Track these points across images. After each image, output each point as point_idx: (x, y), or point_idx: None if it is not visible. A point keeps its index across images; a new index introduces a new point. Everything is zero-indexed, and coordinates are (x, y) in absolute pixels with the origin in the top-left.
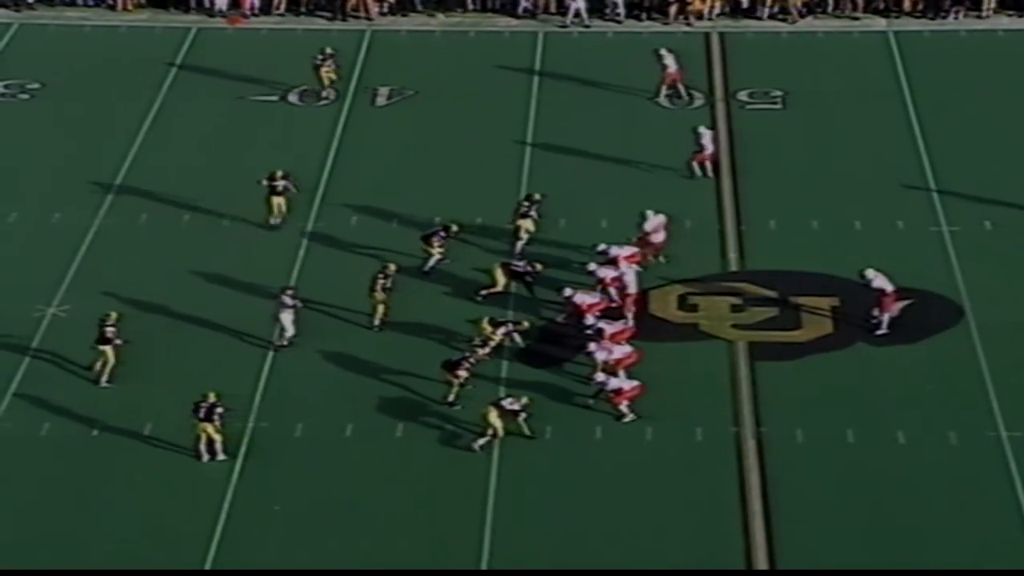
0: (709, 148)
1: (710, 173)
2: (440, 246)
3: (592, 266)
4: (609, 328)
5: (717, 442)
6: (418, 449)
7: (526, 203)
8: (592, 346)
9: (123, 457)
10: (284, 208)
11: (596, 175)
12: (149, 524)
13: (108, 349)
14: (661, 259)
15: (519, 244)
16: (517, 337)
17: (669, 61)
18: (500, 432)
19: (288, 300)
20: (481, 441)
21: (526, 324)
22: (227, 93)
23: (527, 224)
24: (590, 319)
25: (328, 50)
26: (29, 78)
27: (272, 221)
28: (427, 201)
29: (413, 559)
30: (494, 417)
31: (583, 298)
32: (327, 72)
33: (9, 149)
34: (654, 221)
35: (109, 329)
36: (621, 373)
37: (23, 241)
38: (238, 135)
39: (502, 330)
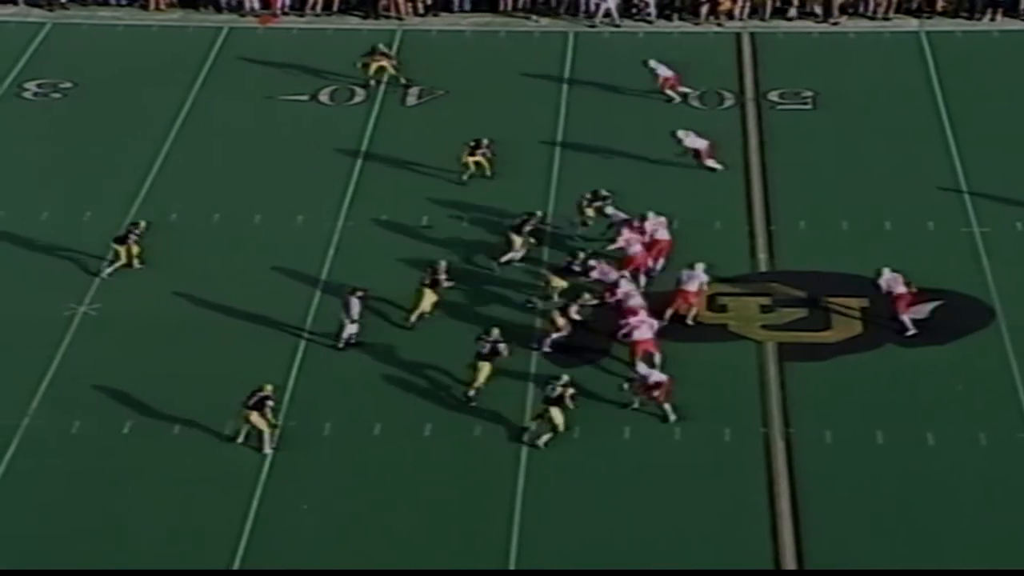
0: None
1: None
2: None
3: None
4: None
5: (746, 443)
6: (446, 448)
7: (525, 217)
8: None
9: (152, 455)
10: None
11: (625, 175)
12: (178, 522)
13: (122, 249)
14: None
15: (508, 256)
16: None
17: (661, 70)
18: (562, 427)
19: (356, 302)
20: (545, 438)
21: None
22: (258, 92)
23: (518, 240)
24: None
25: (382, 46)
26: (62, 77)
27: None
28: (457, 201)
29: (441, 558)
30: (557, 414)
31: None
32: (379, 63)
33: (41, 148)
34: (654, 221)
35: (133, 235)
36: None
37: (54, 240)
38: (269, 134)
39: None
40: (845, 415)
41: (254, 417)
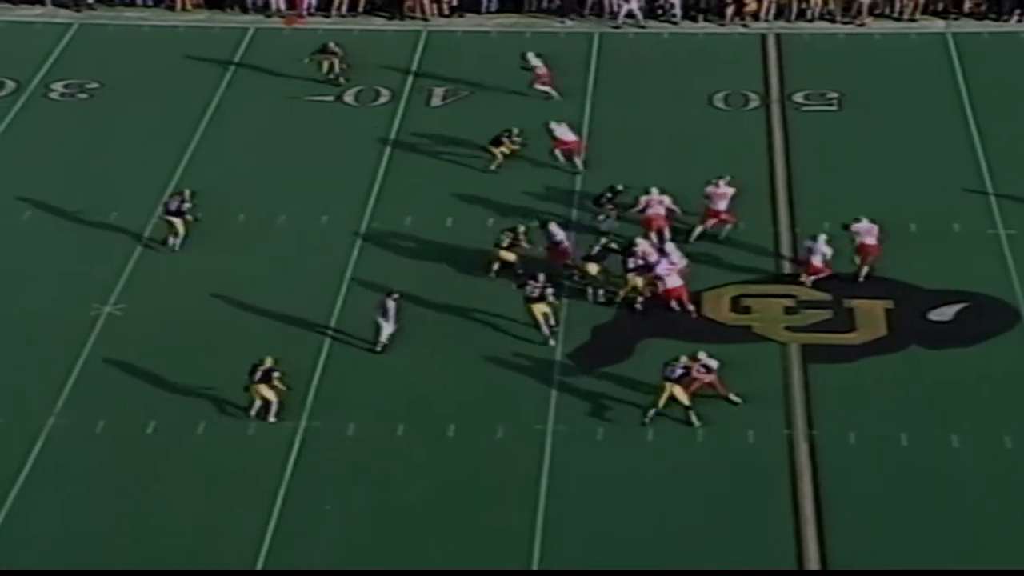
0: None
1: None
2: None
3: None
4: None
5: (769, 444)
6: (469, 449)
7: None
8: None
9: (176, 454)
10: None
11: (649, 174)
12: (202, 521)
13: (178, 221)
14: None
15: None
16: None
17: (536, 62)
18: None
19: (392, 303)
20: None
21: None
22: (283, 93)
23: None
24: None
25: (332, 44)
26: (88, 78)
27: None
28: (481, 200)
29: (463, 559)
30: (680, 392)
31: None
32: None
33: (68, 148)
34: (717, 189)
35: (185, 204)
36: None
37: (80, 240)
38: (294, 134)
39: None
40: (869, 417)
41: (264, 389)
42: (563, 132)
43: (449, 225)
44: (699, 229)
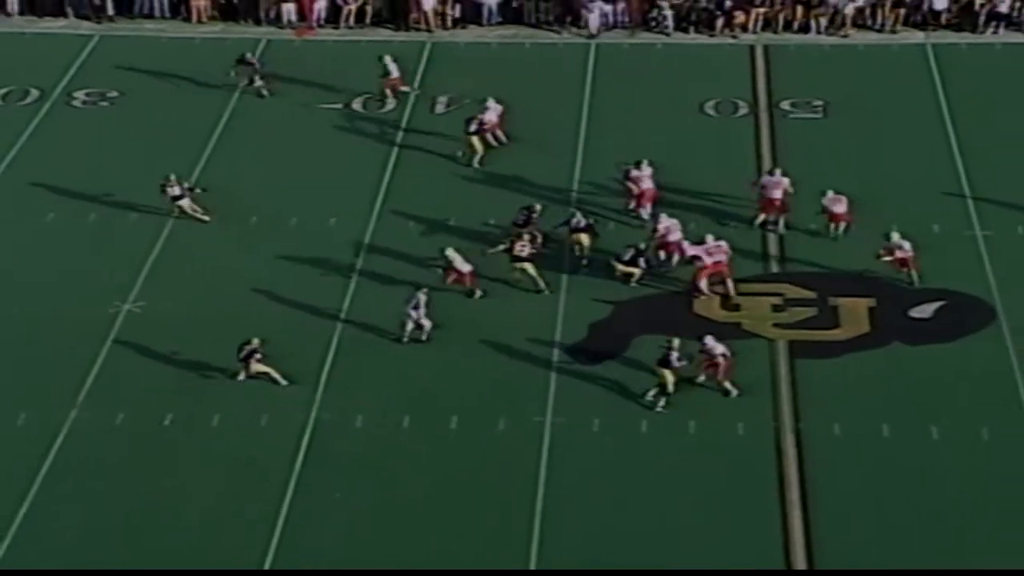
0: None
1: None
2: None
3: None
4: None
5: (758, 436)
6: (471, 441)
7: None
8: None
9: (192, 445)
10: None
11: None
12: (216, 510)
13: (185, 203)
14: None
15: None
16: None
17: (392, 68)
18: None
19: (423, 298)
20: (661, 402)
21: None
22: (295, 100)
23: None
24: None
25: (248, 55)
26: (109, 86)
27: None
28: (482, 205)
29: (467, 543)
30: (669, 376)
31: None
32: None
33: (90, 153)
34: (770, 180)
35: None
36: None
37: (100, 240)
38: (304, 140)
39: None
40: (853, 410)
41: (254, 365)
42: (490, 115)
43: (452, 224)
44: (761, 217)
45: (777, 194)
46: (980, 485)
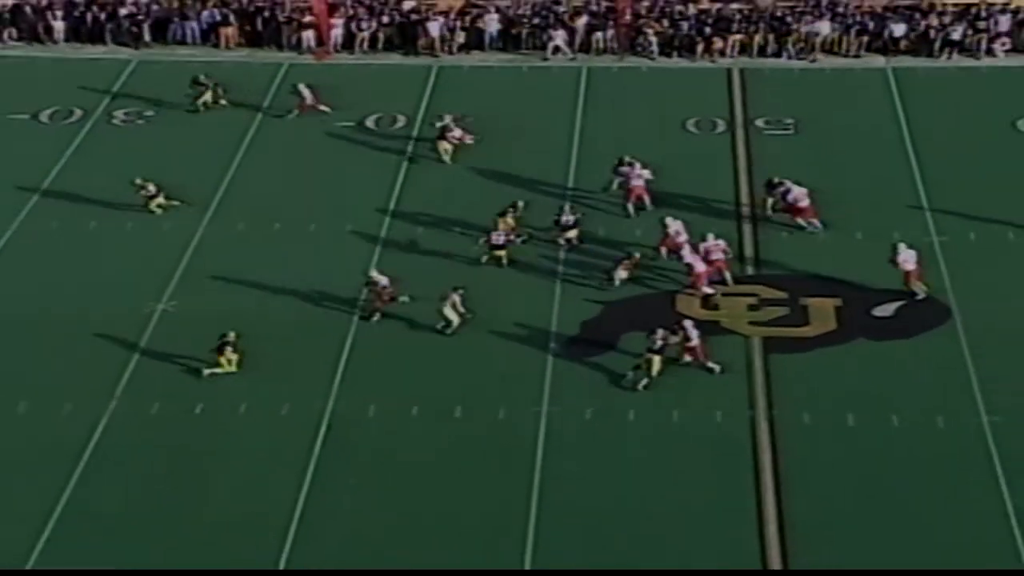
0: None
1: None
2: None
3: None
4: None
5: (735, 423)
6: (474, 429)
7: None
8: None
9: (221, 433)
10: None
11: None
12: (242, 493)
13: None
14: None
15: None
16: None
17: (306, 93)
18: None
19: (457, 297)
20: (644, 381)
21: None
22: (314, 118)
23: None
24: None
25: (202, 76)
26: (146, 106)
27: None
28: (486, 208)
29: (471, 520)
30: (656, 363)
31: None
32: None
33: (128, 166)
34: (797, 192)
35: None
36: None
37: (137, 245)
38: (322, 154)
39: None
40: (821, 400)
41: (226, 355)
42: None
43: (457, 231)
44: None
45: (805, 203)
46: (935, 468)
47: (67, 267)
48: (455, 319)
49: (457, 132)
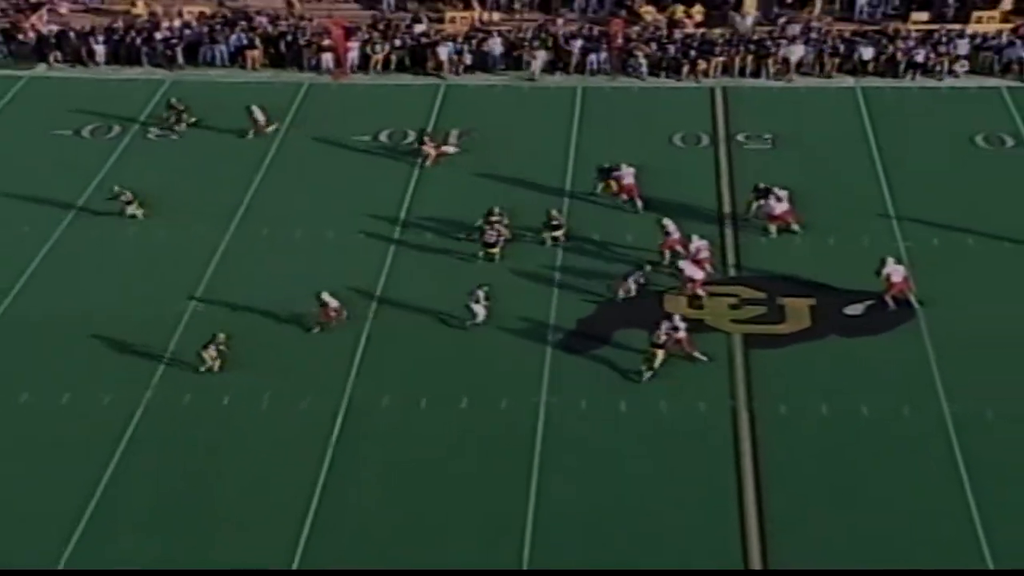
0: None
1: None
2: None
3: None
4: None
5: (717, 413)
6: (477, 418)
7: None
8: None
9: (246, 422)
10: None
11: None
12: (266, 477)
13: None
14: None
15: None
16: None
17: (259, 115)
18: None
19: (482, 295)
20: (648, 374)
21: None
22: (332, 134)
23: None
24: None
25: (174, 100)
26: (178, 122)
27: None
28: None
29: (476, 504)
30: (660, 355)
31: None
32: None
33: (161, 177)
34: (772, 203)
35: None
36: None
37: (170, 250)
38: (339, 166)
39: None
40: (797, 392)
41: (210, 352)
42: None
43: (463, 236)
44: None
45: (778, 211)
46: (903, 453)
47: (107, 270)
48: (481, 313)
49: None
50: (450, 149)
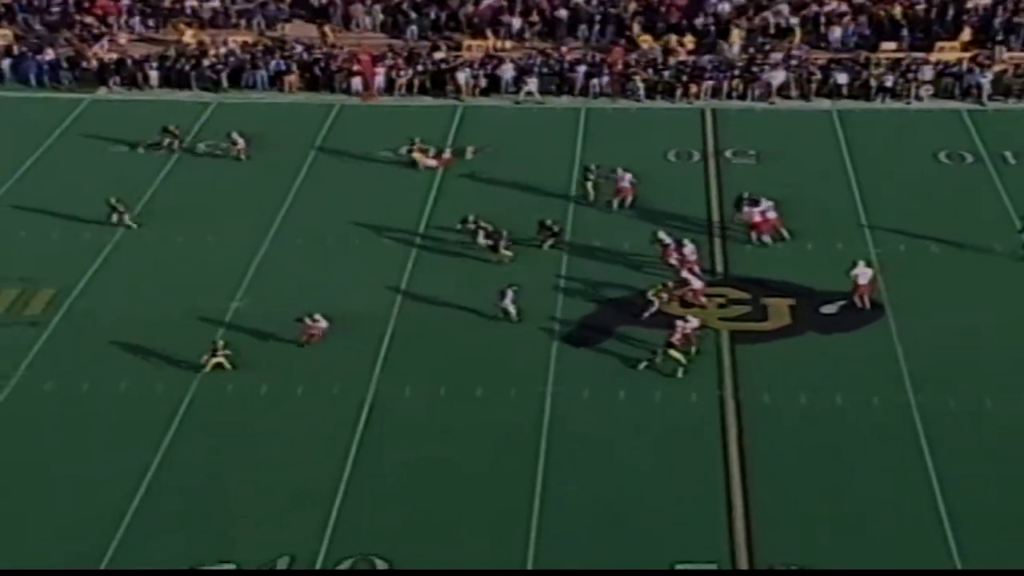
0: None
1: None
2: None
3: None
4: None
5: (707, 402)
6: (490, 406)
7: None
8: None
9: (282, 410)
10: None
11: (622, 215)
12: (303, 461)
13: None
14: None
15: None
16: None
17: (239, 140)
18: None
19: (511, 295)
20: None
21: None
22: (361, 149)
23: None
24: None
25: (171, 126)
26: (223, 139)
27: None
28: (505, 221)
29: (488, 484)
30: (676, 354)
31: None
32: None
33: (209, 190)
34: (747, 211)
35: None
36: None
37: (216, 255)
38: (366, 179)
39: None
40: (778, 383)
41: (215, 360)
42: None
43: (480, 241)
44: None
45: (773, 215)
46: (872, 437)
47: (160, 273)
48: (512, 310)
49: (421, 153)
50: (432, 163)
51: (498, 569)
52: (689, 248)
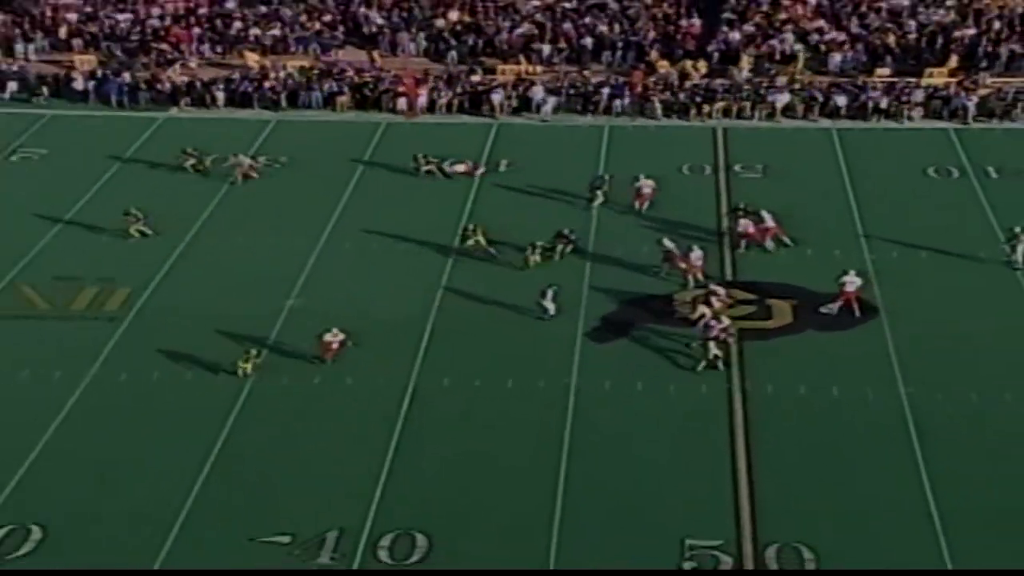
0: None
1: None
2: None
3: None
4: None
5: (715, 393)
6: (520, 396)
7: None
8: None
9: (331, 400)
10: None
11: (641, 221)
12: (347, 448)
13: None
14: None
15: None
16: None
17: (244, 161)
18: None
19: (551, 293)
20: (703, 364)
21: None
22: (405, 163)
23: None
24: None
25: (189, 149)
26: (282, 154)
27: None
28: (528, 230)
29: (519, 463)
30: (712, 346)
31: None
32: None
33: (268, 200)
34: (743, 223)
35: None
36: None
37: (273, 257)
38: (410, 191)
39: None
40: (781, 375)
41: (247, 364)
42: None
43: (510, 245)
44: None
45: (771, 223)
46: (866, 426)
47: (221, 276)
48: (552, 308)
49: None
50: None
51: (517, 569)
52: (696, 254)
